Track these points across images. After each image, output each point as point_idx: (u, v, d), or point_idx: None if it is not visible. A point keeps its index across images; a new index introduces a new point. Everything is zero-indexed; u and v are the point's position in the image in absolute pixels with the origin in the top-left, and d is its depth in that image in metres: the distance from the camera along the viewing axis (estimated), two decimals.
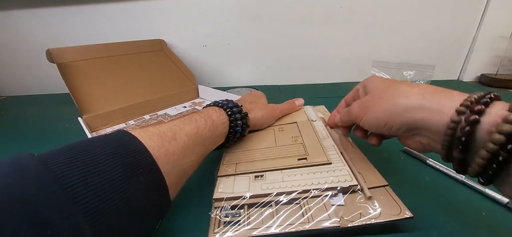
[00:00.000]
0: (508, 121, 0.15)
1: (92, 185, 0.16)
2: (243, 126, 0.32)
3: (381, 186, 0.25)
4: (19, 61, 0.78)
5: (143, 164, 0.19)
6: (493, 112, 0.17)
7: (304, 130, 0.36)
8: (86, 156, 0.17)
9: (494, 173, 0.16)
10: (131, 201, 0.18)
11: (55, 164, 0.16)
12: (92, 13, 0.71)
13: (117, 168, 0.18)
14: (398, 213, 0.22)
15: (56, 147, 0.18)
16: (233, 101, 0.33)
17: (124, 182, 0.17)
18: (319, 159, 0.29)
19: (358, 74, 0.76)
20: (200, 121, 0.27)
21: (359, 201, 0.24)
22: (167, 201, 0.22)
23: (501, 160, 0.15)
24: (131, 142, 0.20)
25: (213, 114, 0.29)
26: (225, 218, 0.24)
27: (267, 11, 0.70)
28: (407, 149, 0.35)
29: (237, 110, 0.31)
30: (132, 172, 0.18)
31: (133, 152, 0.19)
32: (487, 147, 0.16)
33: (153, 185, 0.20)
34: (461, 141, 0.17)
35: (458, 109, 0.18)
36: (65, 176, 0.15)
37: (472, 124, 0.17)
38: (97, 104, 0.48)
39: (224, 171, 0.29)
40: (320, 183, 0.25)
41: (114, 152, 0.19)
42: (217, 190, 0.26)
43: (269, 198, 0.24)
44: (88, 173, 0.16)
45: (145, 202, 0.19)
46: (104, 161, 0.18)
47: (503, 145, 0.15)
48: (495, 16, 0.67)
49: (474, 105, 0.17)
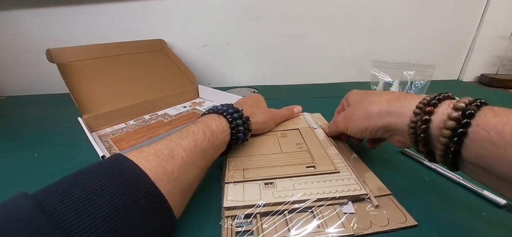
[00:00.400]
0: (451, 118, 0.19)
1: (88, 220, 0.15)
2: (245, 131, 0.31)
3: (385, 195, 0.26)
4: (19, 61, 0.78)
5: (141, 189, 0.18)
6: (441, 111, 0.20)
7: (307, 137, 0.36)
8: (81, 189, 0.17)
9: (453, 161, 0.19)
10: (132, 229, 0.17)
11: (48, 204, 0.15)
12: (92, 13, 0.71)
13: (113, 197, 0.17)
14: (404, 222, 0.23)
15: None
16: (233, 105, 0.32)
17: (121, 211, 0.17)
18: (327, 168, 0.29)
19: (358, 74, 0.77)
20: (198, 134, 0.26)
21: (369, 209, 0.24)
22: (172, 221, 0.21)
23: (453, 150, 0.18)
24: (126, 166, 0.20)
25: (212, 124, 0.28)
26: (238, 228, 0.23)
27: (267, 11, 0.70)
28: (405, 150, 0.35)
29: (237, 116, 0.30)
30: (131, 198, 0.18)
31: (129, 177, 0.19)
32: (440, 141, 0.19)
33: (155, 208, 0.19)
34: (421, 137, 0.21)
35: (415, 111, 0.22)
36: (59, 215, 0.14)
37: (425, 123, 0.21)
38: (97, 104, 0.48)
39: (231, 177, 0.28)
40: (332, 192, 0.25)
41: (109, 180, 0.18)
42: (227, 198, 0.25)
43: (283, 206, 0.24)
44: (83, 208, 0.15)
45: (148, 227, 0.18)
46: (99, 192, 0.17)
47: (451, 138, 0.18)
48: (495, 16, 0.67)
49: (425, 107, 0.21)
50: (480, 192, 0.27)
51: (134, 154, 0.21)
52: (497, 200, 0.26)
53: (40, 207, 0.14)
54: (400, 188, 0.27)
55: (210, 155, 0.26)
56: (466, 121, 0.18)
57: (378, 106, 0.26)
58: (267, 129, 0.38)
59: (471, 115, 0.18)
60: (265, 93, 0.42)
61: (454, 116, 0.18)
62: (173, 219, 0.21)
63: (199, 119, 0.29)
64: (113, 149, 0.40)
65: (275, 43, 0.74)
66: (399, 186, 0.28)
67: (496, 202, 0.26)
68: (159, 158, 0.21)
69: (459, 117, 0.18)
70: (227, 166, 0.30)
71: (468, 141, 0.18)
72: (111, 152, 0.38)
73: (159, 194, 0.19)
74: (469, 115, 0.18)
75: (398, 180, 0.30)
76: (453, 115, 0.18)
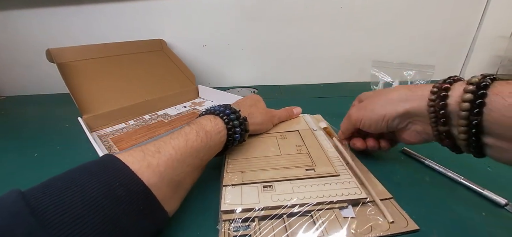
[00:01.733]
0: (467, 91, 0.20)
1: (64, 207, 0.16)
2: (241, 132, 0.30)
3: (386, 198, 0.26)
4: (19, 61, 0.78)
5: (119, 178, 0.19)
6: (456, 88, 0.22)
7: (307, 140, 0.36)
8: (62, 181, 0.17)
9: (476, 140, 0.20)
10: (111, 218, 0.17)
11: (33, 196, 0.16)
12: (92, 13, 0.71)
13: (92, 186, 0.17)
14: (405, 226, 0.23)
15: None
16: (230, 106, 0.32)
17: (99, 199, 0.17)
18: (327, 171, 0.28)
19: (358, 74, 0.76)
20: (191, 134, 0.26)
21: (369, 213, 0.24)
22: (160, 214, 0.21)
23: (475, 125, 0.19)
24: (109, 160, 0.20)
25: (206, 124, 0.27)
26: (235, 232, 0.22)
27: (267, 11, 0.70)
28: (406, 150, 0.35)
29: (234, 117, 0.30)
30: (108, 187, 0.18)
31: (109, 168, 0.19)
32: (460, 115, 0.20)
33: (135, 197, 0.19)
34: (440, 114, 0.22)
35: (432, 90, 0.23)
36: (38, 202, 0.15)
37: (443, 98, 0.22)
38: (97, 104, 0.48)
39: (229, 180, 0.28)
40: (331, 196, 0.25)
41: (89, 171, 0.19)
42: (225, 201, 0.25)
43: (281, 210, 0.24)
44: (60, 195, 0.16)
45: (131, 217, 0.18)
46: (78, 182, 0.17)
47: (470, 110, 0.19)
48: (495, 16, 0.67)
49: (442, 85, 0.23)
50: (481, 192, 0.27)
51: (121, 153, 0.21)
52: (498, 200, 0.26)
53: (25, 199, 0.15)
54: (400, 190, 0.27)
55: (203, 154, 0.26)
56: (482, 92, 0.19)
57: (398, 92, 0.27)
58: (265, 130, 0.38)
59: (486, 86, 0.19)
60: (265, 93, 0.42)
61: (470, 89, 0.20)
62: (162, 211, 0.21)
63: (194, 120, 0.29)
64: (113, 149, 0.40)
65: (275, 43, 0.74)
66: (399, 187, 0.28)
67: (497, 202, 0.26)
68: (144, 153, 0.22)
69: (474, 90, 0.19)
70: (225, 168, 0.30)
71: (487, 111, 0.19)
72: (111, 152, 0.38)
73: (140, 184, 0.19)
74: (484, 86, 0.19)
75: (398, 181, 0.30)
76: (469, 88, 0.20)
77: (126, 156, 0.21)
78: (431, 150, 0.34)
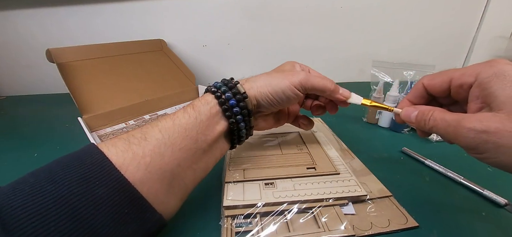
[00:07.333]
0: None
1: (34, 207, 0.14)
2: (238, 97, 0.24)
3: (386, 196, 0.26)
4: (19, 61, 0.78)
5: (99, 176, 0.17)
6: None
7: (308, 141, 0.36)
8: (35, 177, 0.16)
9: None
10: (90, 224, 0.15)
11: (3, 193, 0.15)
12: (92, 13, 0.71)
13: (65, 184, 0.16)
14: (405, 223, 0.23)
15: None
16: (227, 79, 0.27)
17: (72, 198, 0.15)
18: (327, 169, 0.29)
19: (358, 74, 0.76)
20: (178, 112, 0.23)
21: (369, 210, 0.24)
22: (151, 214, 0.19)
23: None
24: (88, 153, 0.18)
25: (195, 101, 0.25)
26: (238, 228, 0.23)
27: (267, 11, 0.70)
28: (406, 150, 0.35)
29: (221, 84, 0.26)
30: (86, 186, 0.16)
31: (88, 163, 0.17)
32: None
33: (119, 200, 0.17)
34: None
35: None
36: (6, 203, 0.14)
37: None
38: (97, 104, 0.48)
39: (231, 177, 0.28)
40: (332, 193, 0.25)
41: (65, 167, 0.17)
42: (227, 198, 0.25)
43: (283, 207, 0.24)
44: (31, 195, 0.15)
45: (112, 219, 0.16)
46: (50, 179, 0.16)
47: None
48: (495, 16, 0.67)
49: None
50: (481, 192, 0.27)
51: (105, 142, 0.20)
52: (498, 200, 0.26)
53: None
54: (400, 189, 0.27)
55: (197, 133, 0.22)
56: None
57: None
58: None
59: None
60: None
61: None
62: (152, 213, 0.19)
63: None
64: None
65: (275, 43, 0.74)
66: (399, 186, 0.28)
67: (497, 201, 0.26)
68: (130, 142, 0.20)
69: None
70: (227, 165, 0.30)
71: None
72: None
73: (121, 181, 0.17)
74: None
75: (398, 180, 0.30)
76: None
77: (110, 146, 0.19)
78: (431, 150, 0.34)
